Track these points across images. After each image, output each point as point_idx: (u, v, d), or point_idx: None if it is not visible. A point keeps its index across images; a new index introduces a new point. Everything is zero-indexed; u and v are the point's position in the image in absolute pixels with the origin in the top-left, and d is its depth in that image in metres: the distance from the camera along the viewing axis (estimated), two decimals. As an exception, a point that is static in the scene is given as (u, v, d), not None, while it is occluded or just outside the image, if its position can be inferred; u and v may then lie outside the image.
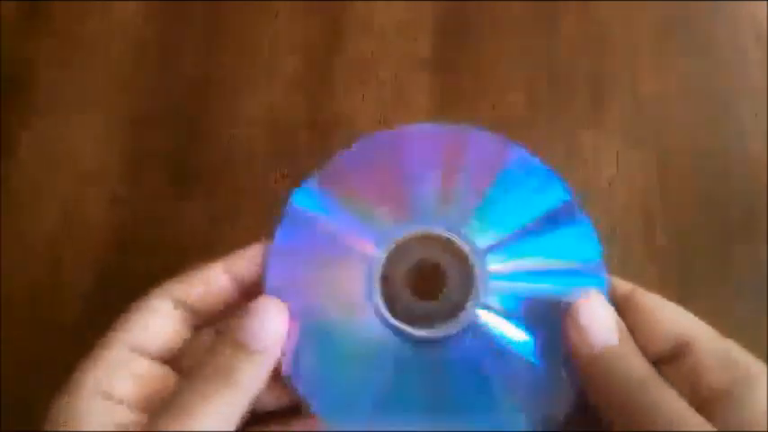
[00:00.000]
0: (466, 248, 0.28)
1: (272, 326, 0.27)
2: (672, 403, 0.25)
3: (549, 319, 0.27)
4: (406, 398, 0.27)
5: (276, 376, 0.27)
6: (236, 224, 0.39)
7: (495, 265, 0.28)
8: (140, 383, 0.28)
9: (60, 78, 0.42)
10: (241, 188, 0.39)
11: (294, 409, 0.29)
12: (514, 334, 0.27)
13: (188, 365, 0.28)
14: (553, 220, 0.29)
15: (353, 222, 0.29)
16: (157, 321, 0.29)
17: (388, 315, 0.27)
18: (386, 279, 0.28)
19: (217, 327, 0.30)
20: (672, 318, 0.27)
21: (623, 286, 0.29)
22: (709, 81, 0.42)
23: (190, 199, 0.39)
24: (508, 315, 0.28)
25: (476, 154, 0.30)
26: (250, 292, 0.29)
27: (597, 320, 0.26)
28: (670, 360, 0.27)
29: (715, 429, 0.24)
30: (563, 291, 0.27)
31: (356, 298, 0.28)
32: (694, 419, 0.24)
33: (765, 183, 0.39)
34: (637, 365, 0.26)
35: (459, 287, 0.28)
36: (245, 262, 0.29)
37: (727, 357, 0.26)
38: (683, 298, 0.37)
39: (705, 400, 0.25)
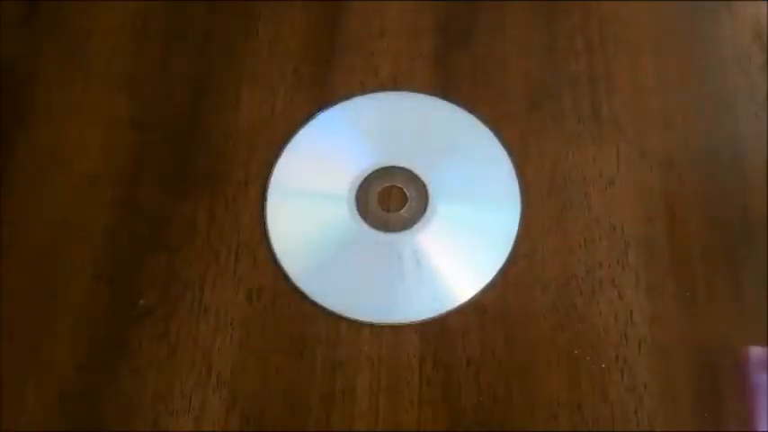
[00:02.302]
0: (423, 179, 0.40)
1: None
2: None
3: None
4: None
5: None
6: (235, 223, 0.39)
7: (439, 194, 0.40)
8: None
9: (59, 78, 0.42)
10: (239, 186, 0.40)
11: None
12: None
13: None
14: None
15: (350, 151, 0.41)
16: None
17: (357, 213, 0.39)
18: (362, 195, 0.40)
19: None
20: None
21: None
22: (710, 81, 0.42)
23: (190, 199, 0.39)
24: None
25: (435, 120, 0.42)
26: None
27: None
28: None
29: None
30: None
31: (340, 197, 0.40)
32: None
33: (765, 182, 0.39)
34: None
35: (416, 204, 0.39)
36: None
37: None
38: (683, 298, 0.37)
39: None
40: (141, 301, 0.37)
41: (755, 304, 0.37)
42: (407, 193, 0.40)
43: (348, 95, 0.41)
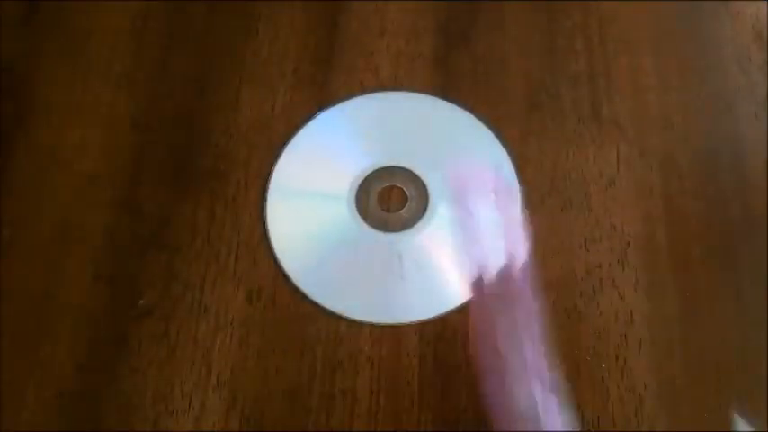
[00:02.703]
0: (423, 179, 0.40)
1: None
2: None
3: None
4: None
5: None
6: (235, 223, 0.39)
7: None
8: None
9: (59, 78, 0.42)
10: (239, 186, 0.40)
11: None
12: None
13: None
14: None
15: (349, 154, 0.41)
16: None
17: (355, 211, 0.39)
18: (362, 195, 0.40)
19: None
20: None
21: None
22: (710, 81, 0.42)
23: (190, 199, 0.39)
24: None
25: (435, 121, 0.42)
26: None
27: None
28: None
29: None
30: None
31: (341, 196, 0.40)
32: None
33: (765, 182, 0.39)
34: None
35: (416, 204, 0.39)
36: None
37: None
38: (683, 297, 0.37)
39: None
40: (141, 301, 0.37)
41: (755, 304, 0.37)
42: (407, 193, 0.40)
43: (348, 95, 0.41)
